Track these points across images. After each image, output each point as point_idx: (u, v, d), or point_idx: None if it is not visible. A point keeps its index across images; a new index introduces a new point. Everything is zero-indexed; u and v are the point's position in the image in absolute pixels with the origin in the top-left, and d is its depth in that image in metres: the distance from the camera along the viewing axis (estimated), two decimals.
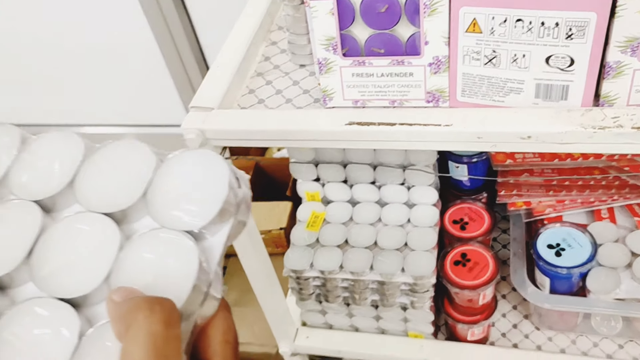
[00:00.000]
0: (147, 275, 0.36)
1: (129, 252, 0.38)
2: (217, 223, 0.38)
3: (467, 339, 0.87)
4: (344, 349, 0.90)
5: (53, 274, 0.38)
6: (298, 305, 0.89)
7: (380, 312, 0.85)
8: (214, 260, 0.37)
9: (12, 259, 0.39)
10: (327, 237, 0.83)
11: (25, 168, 0.44)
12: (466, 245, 0.82)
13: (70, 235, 0.40)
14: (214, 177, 0.39)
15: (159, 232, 0.38)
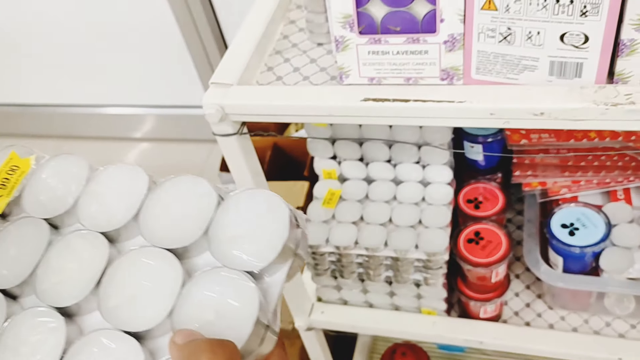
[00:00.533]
0: (209, 313, 0.38)
1: (192, 289, 0.39)
2: (277, 263, 0.39)
3: (480, 316, 0.88)
4: (358, 324, 0.92)
5: (119, 306, 0.40)
6: (314, 281, 0.91)
7: (394, 288, 0.87)
8: (273, 299, 0.38)
9: (82, 289, 0.41)
10: (342, 213, 0.84)
11: (93, 199, 0.46)
12: (480, 224, 0.83)
13: (135, 269, 0.41)
14: (274, 217, 0.40)
15: (220, 271, 0.39)
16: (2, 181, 0.48)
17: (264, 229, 0.40)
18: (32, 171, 0.49)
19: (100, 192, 0.46)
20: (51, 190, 0.48)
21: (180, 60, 1.97)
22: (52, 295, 0.41)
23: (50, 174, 0.49)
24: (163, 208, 0.44)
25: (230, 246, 0.40)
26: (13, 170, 0.49)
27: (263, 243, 0.39)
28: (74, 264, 0.43)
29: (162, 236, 0.42)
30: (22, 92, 2.38)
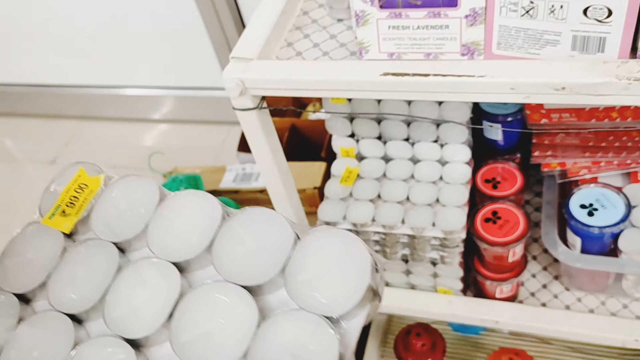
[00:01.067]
0: (286, 358, 0.36)
1: (268, 331, 0.37)
2: (356, 308, 0.38)
3: (496, 296, 0.88)
4: None
5: (192, 343, 0.39)
6: None
7: (410, 266, 0.87)
8: (350, 345, 0.37)
9: (153, 321, 0.40)
10: (360, 191, 0.85)
11: (163, 225, 0.44)
12: (497, 204, 0.83)
13: (209, 305, 0.40)
14: (354, 260, 0.39)
15: (298, 314, 0.38)
16: (71, 199, 0.47)
17: (344, 272, 0.38)
18: (100, 191, 0.48)
19: (170, 218, 0.44)
20: (120, 213, 0.46)
21: (199, 42, 1.98)
22: (122, 325, 0.40)
23: (119, 195, 0.47)
24: (237, 241, 0.42)
25: (309, 288, 0.39)
26: (81, 188, 0.48)
27: (343, 287, 0.38)
28: (145, 292, 0.41)
29: (237, 271, 0.40)
30: (42, 72, 2.41)
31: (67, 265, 0.45)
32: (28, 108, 2.56)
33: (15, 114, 2.61)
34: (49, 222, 0.47)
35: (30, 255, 0.47)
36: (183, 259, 0.42)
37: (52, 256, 0.46)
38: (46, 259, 0.46)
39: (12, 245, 0.49)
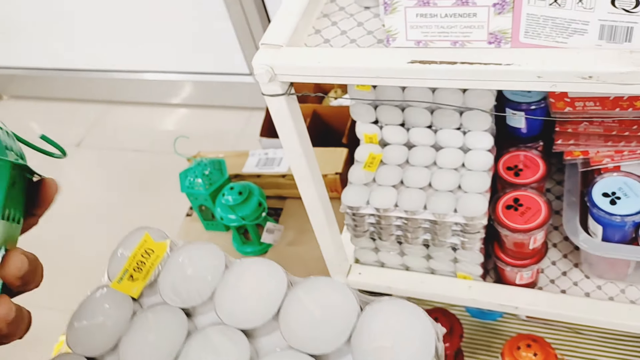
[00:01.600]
0: None
1: None
2: None
3: (515, 282, 0.89)
4: (394, 286, 0.94)
5: None
6: (352, 243, 0.94)
7: (431, 251, 0.89)
8: None
9: None
10: (383, 177, 0.86)
11: (230, 292, 0.45)
12: (519, 191, 0.84)
13: None
14: (419, 331, 0.40)
15: None
16: (138, 264, 0.48)
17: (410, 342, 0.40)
18: (167, 256, 0.49)
19: (237, 285, 0.45)
20: (187, 278, 0.47)
21: (222, 27, 2.00)
22: None
23: (186, 261, 0.48)
24: (303, 310, 0.43)
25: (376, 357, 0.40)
26: (148, 253, 0.49)
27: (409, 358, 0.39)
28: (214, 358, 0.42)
29: (303, 339, 0.41)
30: (67, 57, 2.44)
31: (137, 330, 0.46)
32: (53, 92, 2.60)
33: (40, 98, 2.65)
34: (118, 287, 0.48)
35: (101, 319, 0.48)
36: (251, 326, 0.43)
37: (122, 320, 0.47)
38: (116, 323, 0.47)
39: (82, 308, 0.50)
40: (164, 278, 0.48)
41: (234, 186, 1.22)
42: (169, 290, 0.47)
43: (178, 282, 0.48)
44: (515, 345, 1.16)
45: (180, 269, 0.48)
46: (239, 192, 1.21)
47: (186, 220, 1.44)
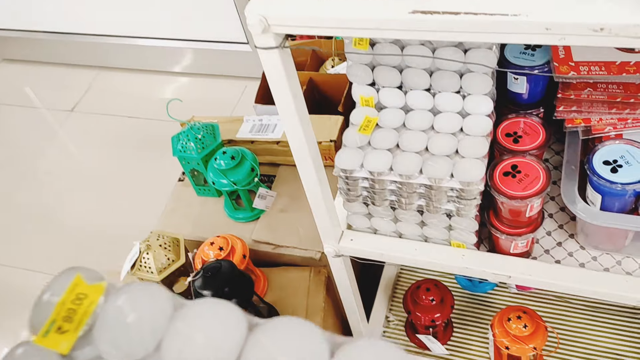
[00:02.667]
0: None
1: None
2: None
3: (510, 251, 0.88)
4: (386, 253, 0.92)
5: None
6: (345, 208, 0.92)
7: (425, 218, 0.87)
8: None
9: None
10: (378, 140, 0.84)
11: (180, 342, 0.39)
12: (518, 158, 0.82)
13: None
14: None
15: None
16: (68, 312, 0.39)
17: None
18: (103, 301, 0.41)
19: (188, 333, 0.39)
20: (128, 327, 0.40)
21: None
22: None
23: (126, 306, 0.40)
24: (267, 357, 0.37)
25: None
26: (80, 299, 0.40)
27: None
28: None
29: None
30: (63, 20, 2.39)
31: None
32: (48, 56, 2.55)
33: (35, 62, 2.60)
34: (43, 341, 0.39)
35: None
36: None
37: None
38: None
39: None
40: (100, 328, 0.40)
41: (227, 150, 1.20)
42: (107, 342, 0.40)
43: (117, 332, 0.40)
44: (505, 316, 1.15)
45: (119, 316, 0.40)
46: (231, 156, 1.19)
47: (178, 186, 1.41)
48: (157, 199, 1.57)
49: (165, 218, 1.35)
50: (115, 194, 2.01)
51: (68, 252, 1.87)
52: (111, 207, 1.97)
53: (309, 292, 1.18)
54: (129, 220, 1.90)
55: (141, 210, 1.90)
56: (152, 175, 2.01)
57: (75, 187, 2.08)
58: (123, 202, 1.98)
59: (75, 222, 1.96)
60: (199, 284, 0.98)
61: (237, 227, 1.28)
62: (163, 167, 1.76)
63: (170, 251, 1.12)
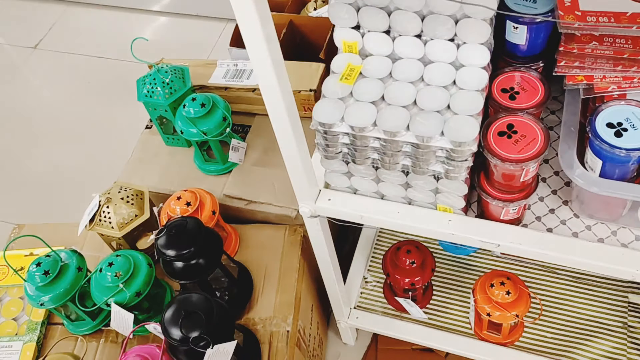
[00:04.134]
0: None
1: None
2: None
3: (499, 218, 0.81)
4: (367, 215, 0.85)
5: None
6: (323, 165, 0.84)
7: (410, 179, 0.79)
8: None
9: None
10: (361, 91, 0.75)
11: None
12: (514, 116, 0.74)
13: None
14: None
15: None
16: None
17: None
18: None
19: None
20: None
21: None
22: None
23: None
24: None
25: None
26: None
27: None
28: None
29: None
30: None
31: None
32: None
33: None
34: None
35: None
36: None
37: None
38: None
39: None
40: None
41: (197, 97, 1.10)
42: None
43: None
44: (488, 282, 1.10)
45: None
46: (201, 103, 1.09)
47: (145, 133, 1.32)
48: (123, 146, 1.47)
49: (130, 168, 1.26)
50: (79, 138, 1.90)
51: (24, 199, 1.77)
52: (73, 153, 1.87)
53: (283, 251, 1.12)
54: (92, 168, 1.81)
55: (106, 157, 1.81)
56: (119, 121, 1.90)
57: (34, 129, 1.96)
58: (87, 147, 1.87)
59: (33, 167, 1.86)
60: (163, 242, 0.91)
61: (207, 180, 1.19)
62: (131, 112, 1.65)
63: (133, 205, 1.04)
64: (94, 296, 0.96)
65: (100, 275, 0.95)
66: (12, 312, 1.08)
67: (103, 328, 1.07)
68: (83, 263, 1.00)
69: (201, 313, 0.82)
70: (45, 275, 0.95)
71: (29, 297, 0.96)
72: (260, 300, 1.06)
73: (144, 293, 0.96)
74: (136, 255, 0.99)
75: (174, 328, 0.82)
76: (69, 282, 0.96)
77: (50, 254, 0.97)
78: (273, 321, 1.03)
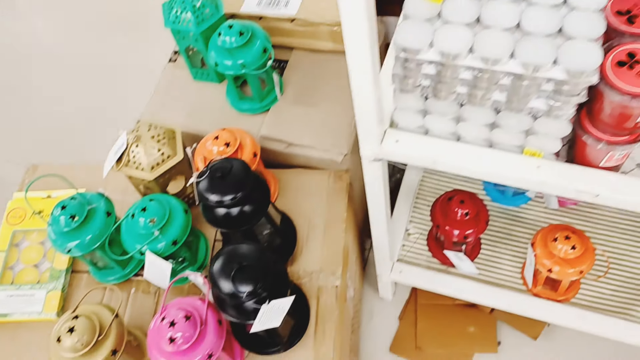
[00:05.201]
0: None
1: None
2: None
3: (598, 164, 0.71)
4: (441, 160, 0.75)
5: None
6: (394, 101, 0.73)
7: (500, 118, 0.68)
8: None
9: None
10: (453, 11, 0.63)
11: None
12: (637, 44, 0.63)
13: None
14: None
15: None
16: None
17: None
18: None
19: None
20: None
21: None
22: None
23: None
24: None
25: None
26: None
27: None
28: None
29: None
30: None
31: None
32: None
33: None
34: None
35: None
36: None
37: None
38: None
39: None
40: None
41: (234, 25, 0.97)
42: None
43: None
44: (550, 235, 1.01)
45: None
46: (239, 32, 0.97)
47: (169, 67, 1.19)
48: (143, 81, 1.34)
49: (153, 105, 1.14)
50: (95, 74, 1.77)
51: (33, 141, 1.66)
52: (89, 91, 1.74)
53: (328, 199, 1.01)
54: (108, 105, 1.68)
55: (124, 95, 1.68)
56: (137, 53, 1.75)
57: (39, 66, 1.82)
58: (100, 83, 1.74)
59: (41, 107, 1.73)
60: (206, 186, 0.80)
61: (241, 120, 1.08)
62: (152, 43, 1.51)
63: (165, 144, 0.93)
64: (126, 244, 0.87)
65: (133, 221, 0.85)
66: (33, 259, 0.98)
67: (132, 278, 0.97)
68: (111, 207, 0.90)
69: (256, 266, 0.73)
70: (72, 219, 0.84)
71: (54, 242, 0.86)
72: (305, 252, 0.97)
73: (181, 241, 0.87)
74: (170, 200, 0.89)
75: (226, 281, 0.73)
76: (98, 228, 0.86)
77: (76, 196, 0.87)
78: (320, 275, 0.94)
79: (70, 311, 0.81)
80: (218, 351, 0.78)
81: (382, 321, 1.28)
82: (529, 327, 1.23)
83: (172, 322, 0.75)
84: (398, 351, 1.24)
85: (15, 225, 1.02)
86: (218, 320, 0.79)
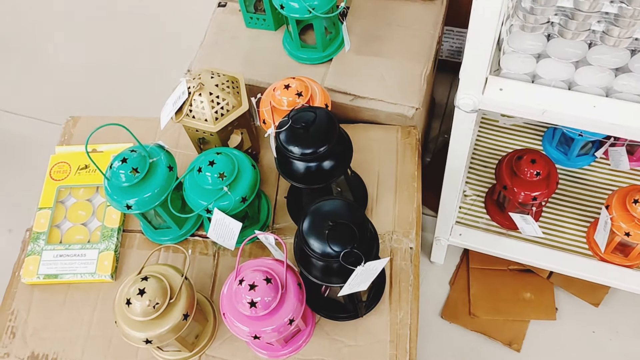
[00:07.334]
0: None
1: None
2: None
3: None
4: (551, 109, 0.68)
5: None
6: (510, 42, 0.65)
7: (635, 61, 0.62)
8: None
9: None
10: None
11: None
12: None
13: None
14: None
15: None
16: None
17: None
18: None
19: None
20: None
21: None
22: None
23: None
24: None
25: None
26: None
27: None
28: None
29: None
30: None
31: None
32: None
33: None
34: None
35: None
36: None
37: None
38: None
39: None
40: None
41: None
42: None
43: None
44: (630, 197, 0.96)
45: None
46: None
47: (219, 13, 1.10)
48: (190, 28, 1.24)
49: (204, 54, 1.05)
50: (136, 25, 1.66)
51: (67, 95, 1.56)
52: (131, 41, 1.63)
53: (397, 156, 0.95)
54: (155, 56, 1.58)
55: (169, 43, 1.58)
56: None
57: (69, 17, 1.72)
58: (142, 30, 1.63)
59: (73, 60, 1.63)
60: (286, 137, 0.73)
61: (301, 70, 1.00)
62: None
63: (229, 94, 0.85)
64: (190, 200, 0.80)
65: (199, 176, 0.78)
66: (81, 217, 0.91)
67: (190, 238, 0.91)
68: (173, 161, 0.82)
69: (351, 224, 0.67)
70: (134, 173, 0.77)
71: (112, 199, 0.79)
72: (376, 213, 0.90)
73: (250, 199, 0.80)
74: (237, 154, 0.82)
75: (318, 241, 0.66)
76: (160, 184, 0.79)
77: (136, 148, 0.80)
78: (393, 236, 0.88)
79: (136, 272, 0.75)
80: (299, 316, 0.72)
81: (430, 286, 1.23)
82: (589, 294, 1.18)
83: (253, 284, 0.69)
84: (450, 317, 1.19)
85: (60, 181, 0.94)
86: (298, 283, 0.73)
